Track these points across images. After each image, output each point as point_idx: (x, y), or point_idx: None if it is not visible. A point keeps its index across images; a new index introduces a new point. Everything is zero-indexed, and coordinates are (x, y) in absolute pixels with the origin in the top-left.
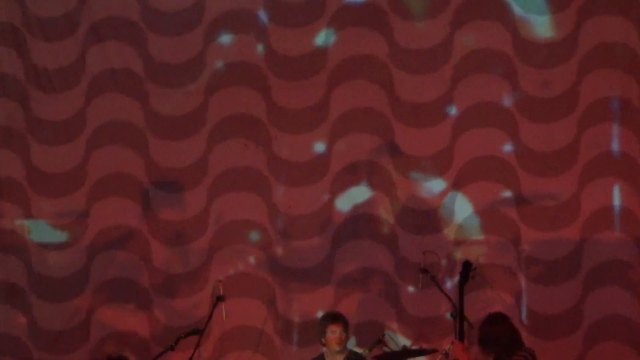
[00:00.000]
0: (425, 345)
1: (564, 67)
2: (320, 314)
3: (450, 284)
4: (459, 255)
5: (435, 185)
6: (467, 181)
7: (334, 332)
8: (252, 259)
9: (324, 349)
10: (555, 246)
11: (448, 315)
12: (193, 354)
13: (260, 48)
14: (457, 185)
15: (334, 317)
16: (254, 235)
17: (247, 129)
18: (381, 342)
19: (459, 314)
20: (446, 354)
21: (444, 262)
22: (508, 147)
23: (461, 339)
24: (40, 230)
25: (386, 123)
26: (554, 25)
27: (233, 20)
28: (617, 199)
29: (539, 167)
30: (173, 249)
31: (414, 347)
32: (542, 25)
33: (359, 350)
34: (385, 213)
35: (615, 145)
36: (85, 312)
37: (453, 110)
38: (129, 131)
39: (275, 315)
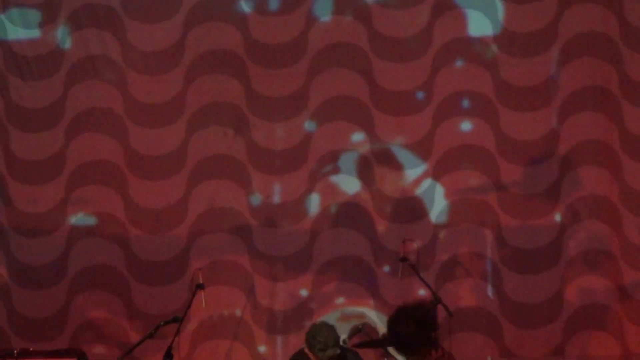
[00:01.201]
0: None
1: (545, 56)
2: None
3: (428, 271)
4: (440, 239)
5: (414, 173)
6: (447, 169)
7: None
8: (230, 247)
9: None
10: (536, 234)
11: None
12: (172, 342)
13: (239, 36)
14: (436, 173)
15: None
16: (233, 223)
17: (226, 117)
18: (360, 330)
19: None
20: None
21: (417, 244)
22: (488, 136)
23: None
24: (19, 217)
25: (366, 111)
26: (535, 14)
27: (213, 8)
28: (596, 188)
29: (519, 155)
30: (152, 236)
31: None
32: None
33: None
34: (365, 201)
35: (595, 134)
36: (64, 299)
37: (433, 99)
38: (108, 119)
39: (254, 303)
